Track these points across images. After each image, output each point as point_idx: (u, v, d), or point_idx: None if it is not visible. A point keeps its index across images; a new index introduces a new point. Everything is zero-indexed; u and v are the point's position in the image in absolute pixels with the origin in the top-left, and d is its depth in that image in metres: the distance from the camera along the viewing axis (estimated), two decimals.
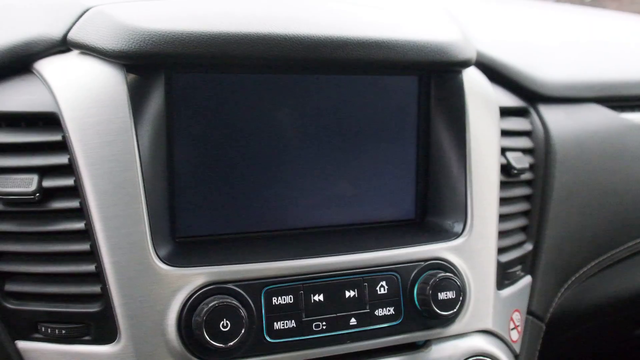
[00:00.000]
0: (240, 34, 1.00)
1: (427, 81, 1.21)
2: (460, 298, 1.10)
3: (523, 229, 1.38)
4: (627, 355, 2.18)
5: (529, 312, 1.34)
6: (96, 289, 0.98)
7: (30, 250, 0.99)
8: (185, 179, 1.07)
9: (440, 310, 1.09)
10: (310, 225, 1.16)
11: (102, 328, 0.98)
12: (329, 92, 1.14)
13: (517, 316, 1.28)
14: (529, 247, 1.37)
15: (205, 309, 0.95)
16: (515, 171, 1.31)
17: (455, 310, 1.10)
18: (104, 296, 0.98)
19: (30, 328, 0.99)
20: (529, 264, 1.36)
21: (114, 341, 0.98)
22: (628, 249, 1.55)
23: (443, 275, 1.10)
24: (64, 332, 0.98)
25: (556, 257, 1.40)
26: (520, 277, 1.34)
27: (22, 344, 0.99)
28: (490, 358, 1.16)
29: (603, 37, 1.90)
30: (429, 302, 1.08)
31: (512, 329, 1.27)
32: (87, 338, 0.99)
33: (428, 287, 1.08)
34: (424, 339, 1.14)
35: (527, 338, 1.32)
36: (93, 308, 0.98)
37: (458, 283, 1.10)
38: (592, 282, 1.56)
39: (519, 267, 1.33)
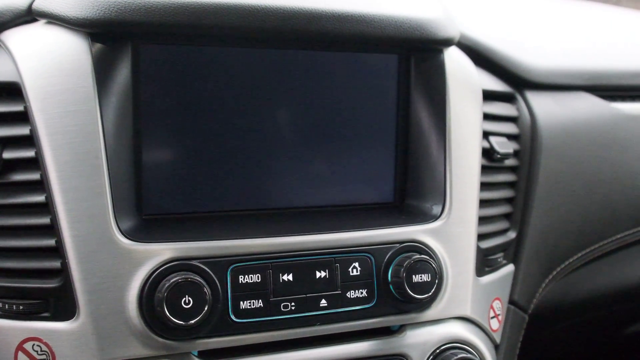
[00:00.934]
0: (210, 2, 0.98)
1: (407, 60, 1.18)
2: (436, 281, 1.07)
3: (506, 216, 1.35)
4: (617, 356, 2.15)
5: (511, 302, 1.30)
6: (56, 264, 0.95)
7: None
8: (152, 154, 1.04)
9: (415, 294, 1.05)
10: (284, 206, 1.13)
11: (61, 304, 0.95)
12: (306, 68, 1.11)
13: (497, 305, 1.25)
14: (512, 235, 1.33)
15: (166, 285, 0.92)
16: (499, 156, 1.27)
17: (430, 294, 1.06)
18: (63, 271, 0.95)
19: None
20: (512, 252, 1.33)
21: (72, 318, 0.94)
22: (616, 241, 1.51)
23: (418, 257, 1.06)
24: (21, 308, 0.95)
25: (541, 246, 1.36)
26: (502, 265, 1.30)
27: None
28: (467, 346, 1.13)
29: (597, 28, 1.87)
30: (402, 285, 1.05)
31: (492, 318, 1.23)
32: (45, 314, 0.96)
33: (402, 270, 1.05)
34: (398, 324, 1.11)
35: (508, 328, 1.28)
36: (52, 284, 0.95)
37: (434, 266, 1.07)
38: (578, 275, 1.52)
39: (500, 255, 1.29)
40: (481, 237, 1.23)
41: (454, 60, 1.19)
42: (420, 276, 1.06)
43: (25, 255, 0.96)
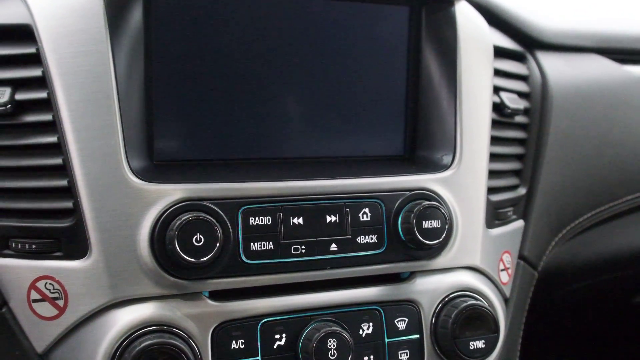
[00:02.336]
0: None
1: (418, 12, 1.18)
2: (446, 228, 1.07)
3: (517, 173, 1.35)
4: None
5: (521, 257, 1.30)
6: (68, 204, 0.96)
7: (1, 165, 0.97)
8: (163, 99, 1.04)
9: (425, 240, 1.05)
10: (295, 155, 1.13)
11: (73, 243, 0.96)
12: (317, 18, 1.11)
13: (507, 258, 1.24)
14: (522, 191, 1.33)
15: (178, 223, 0.93)
16: (509, 110, 1.27)
17: (440, 240, 1.06)
18: (75, 211, 0.95)
19: (1, 244, 0.97)
20: (521, 208, 1.33)
21: (84, 256, 0.95)
22: (627, 202, 1.51)
23: (428, 204, 1.06)
24: (34, 247, 0.96)
25: (550, 203, 1.36)
26: (512, 220, 1.30)
27: None
28: (477, 294, 1.12)
29: None
30: (413, 230, 1.05)
31: (502, 271, 1.23)
32: (58, 254, 0.96)
33: (412, 216, 1.05)
34: (408, 271, 1.11)
35: (518, 283, 1.28)
36: (64, 223, 0.96)
37: (444, 213, 1.07)
38: (589, 236, 1.52)
39: (510, 209, 1.29)
40: (491, 190, 1.23)
41: (465, 14, 1.19)
42: (431, 222, 1.06)
43: (37, 196, 0.97)
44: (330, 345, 0.99)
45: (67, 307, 0.95)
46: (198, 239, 0.93)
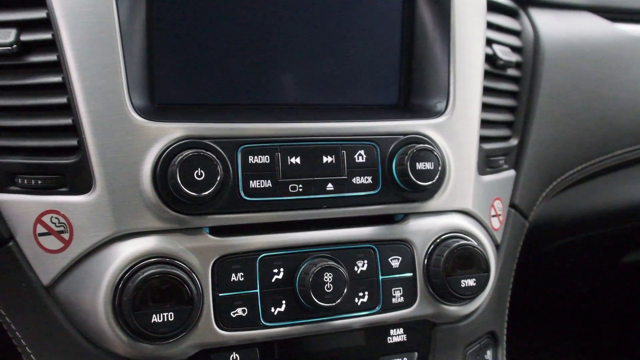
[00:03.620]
0: None
1: None
2: (439, 169, 1.10)
3: (509, 125, 1.38)
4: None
5: (512, 205, 1.33)
6: (73, 142, 0.99)
7: (7, 104, 1.00)
8: (165, 41, 1.06)
9: (419, 181, 1.09)
10: (292, 102, 1.15)
11: (78, 179, 0.99)
12: None
13: (498, 204, 1.28)
14: (514, 142, 1.37)
15: (179, 158, 0.96)
16: (501, 62, 1.30)
17: (433, 181, 1.10)
18: (80, 149, 0.98)
19: (7, 180, 1.00)
20: (513, 158, 1.36)
21: (89, 191, 0.98)
22: (616, 157, 1.54)
23: (422, 146, 1.10)
24: (40, 182, 0.99)
25: (541, 155, 1.40)
26: (504, 169, 1.33)
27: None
28: (468, 236, 1.16)
29: None
30: (407, 172, 1.08)
31: (493, 217, 1.27)
32: (63, 189, 0.99)
33: (406, 157, 1.08)
34: (402, 212, 1.14)
35: (509, 230, 1.32)
36: (69, 160, 0.99)
37: (437, 155, 1.10)
38: (579, 190, 1.56)
39: (502, 158, 1.32)
40: (483, 139, 1.26)
41: None
42: (424, 164, 1.09)
43: (43, 134, 1.00)
44: (326, 279, 1.03)
45: (72, 240, 0.98)
46: (199, 174, 0.96)
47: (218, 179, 0.97)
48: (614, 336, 2.14)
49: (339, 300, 1.03)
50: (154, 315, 0.94)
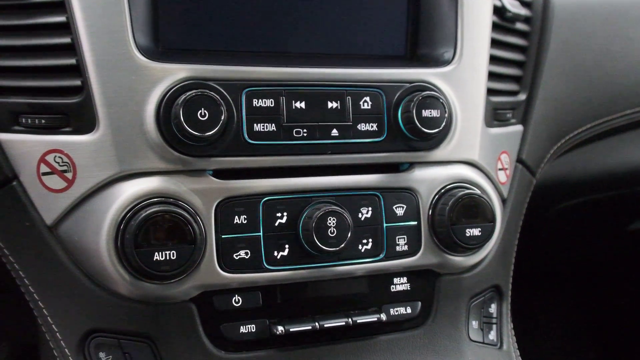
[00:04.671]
0: None
1: None
2: (446, 117, 1.09)
3: (517, 80, 1.36)
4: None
5: (519, 160, 1.32)
6: (76, 82, 0.98)
7: (12, 44, 0.99)
8: None
9: (425, 128, 1.08)
10: (297, 50, 1.14)
11: (81, 119, 0.98)
12: None
13: (505, 158, 1.27)
14: (522, 97, 1.35)
15: (183, 98, 0.95)
16: (510, 14, 1.29)
17: (440, 129, 1.09)
18: (84, 88, 0.98)
19: (11, 120, 0.99)
20: (521, 113, 1.35)
21: (92, 131, 0.97)
22: (626, 117, 1.52)
23: (428, 93, 1.08)
24: (44, 122, 0.98)
25: (550, 111, 1.38)
26: (511, 123, 1.32)
27: (2, 136, 0.99)
28: (475, 186, 1.15)
29: None
30: (412, 119, 1.07)
31: (500, 170, 1.25)
32: (67, 129, 0.99)
33: (412, 104, 1.07)
34: (407, 161, 1.13)
35: (515, 185, 1.30)
36: (73, 99, 0.98)
37: (443, 103, 1.09)
38: (588, 150, 1.55)
39: (510, 112, 1.31)
40: (491, 92, 1.24)
41: None
42: (430, 112, 1.08)
43: (47, 75, 0.99)
44: (330, 223, 1.02)
45: (75, 179, 0.98)
46: (202, 114, 0.95)
47: (222, 119, 0.96)
48: (617, 303, 2.13)
49: (342, 245, 1.03)
50: (156, 254, 0.94)
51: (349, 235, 1.03)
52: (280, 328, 1.05)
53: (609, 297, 2.13)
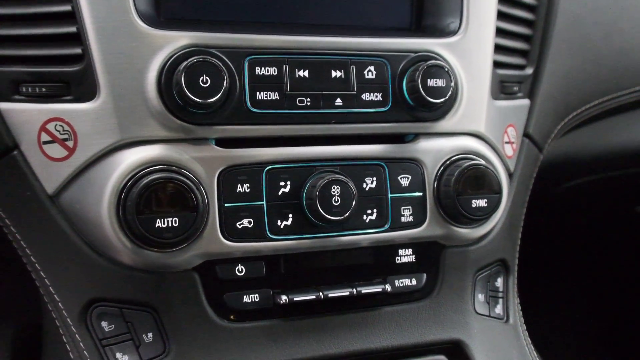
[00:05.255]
0: None
1: None
2: (451, 87, 1.07)
3: (524, 54, 1.34)
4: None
5: (526, 134, 1.30)
6: (77, 50, 0.97)
7: (12, 13, 0.98)
8: None
9: (430, 97, 1.06)
10: (301, 21, 1.13)
11: (82, 87, 0.97)
12: None
13: (512, 132, 1.25)
14: (529, 71, 1.33)
15: (185, 64, 0.94)
16: None
17: (445, 98, 1.07)
18: (84, 57, 0.97)
19: (12, 89, 0.98)
20: (528, 87, 1.33)
21: (93, 98, 0.97)
22: (635, 93, 1.50)
23: (434, 62, 1.07)
24: (44, 90, 0.97)
25: (557, 86, 1.36)
26: (518, 97, 1.30)
27: (3, 105, 0.98)
28: (481, 158, 1.13)
29: None
30: (417, 88, 1.06)
31: (507, 143, 1.24)
32: (68, 97, 0.98)
33: (418, 73, 1.06)
34: (412, 132, 1.12)
35: (522, 159, 1.29)
36: (74, 67, 0.97)
37: (449, 72, 1.08)
38: (596, 127, 1.53)
39: (517, 85, 1.29)
40: (498, 65, 1.23)
41: None
42: (435, 81, 1.07)
43: (48, 43, 0.98)
44: (334, 192, 1.01)
45: (76, 147, 0.97)
46: (204, 81, 0.94)
47: (224, 85, 0.95)
48: (623, 283, 2.12)
49: (346, 214, 1.02)
50: (158, 220, 0.93)
51: (354, 204, 1.02)
52: (284, 297, 1.04)
53: (615, 277, 2.11)
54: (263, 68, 1.01)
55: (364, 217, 1.07)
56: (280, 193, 1.03)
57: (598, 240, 2.01)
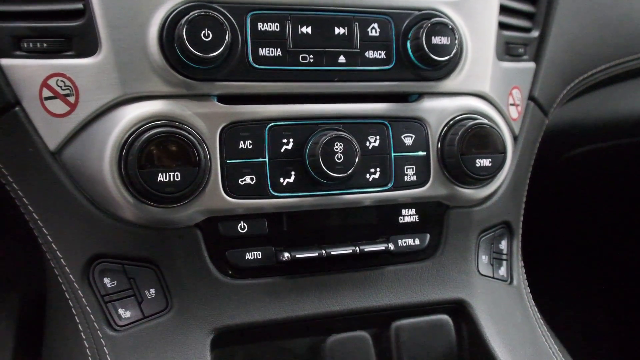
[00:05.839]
0: None
1: None
2: (456, 44, 1.06)
3: (530, 16, 1.33)
4: None
5: (531, 98, 1.29)
6: (78, 5, 0.97)
7: None
8: None
9: (434, 55, 1.05)
10: None
11: (83, 42, 0.97)
12: None
13: (517, 94, 1.24)
14: (534, 33, 1.32)
15: (187, 18, 0.93)
16: None
17: (450, 56, 1.06)
18: (86, 11, 0.96)
19: (13, 45, 0.97)
20: (533, 50, 1.31)
21: (95, 53, 0.96)
22: None
23: (438, 19, 1.06)
24: (45, 45, 0.97)
25: (563, 50, 1.35)
26: (524, 59, 1.29)
27: (4, 61, 0.97)
28: (486, 118, 1.12)
29: None
30: (422, 45, 1.05)
31: (512, 105, 1.23)
32: (69, 52, 0.97)
33: (422, 31, 1.05)
34: (416, 91, 1.11)
35: (527, 123, 1.28)
36: (75, 22, 0.97)
37: (453, 30, 1.06)
38: (602, 94, 1.51)
39: (522, 47, 1.28)
40: (503, 26, 1.22)
41: None
42: (440, 39, 1.06)
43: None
44: (337, 149, 1.00)
45: (78, 103, 0.96)
46: (206, 35, 0.93)
47: (226, 40, 0.94)
48: (627, 252, 2.11)
49: (350, 171, 1.01)
50: (160, 175, 0.92)
51: (356, 161, 1.01)
52: (286, 254, 1.03)
53: (620, 246, 2.10)
54: (265, 24, 1.00)
55: (367, 175, 1.07)
56: (282, 150, 1.02)
57: (604, 208, 2.00)
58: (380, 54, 1.06)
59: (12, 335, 1.62)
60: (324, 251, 1.05)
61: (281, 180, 1.02)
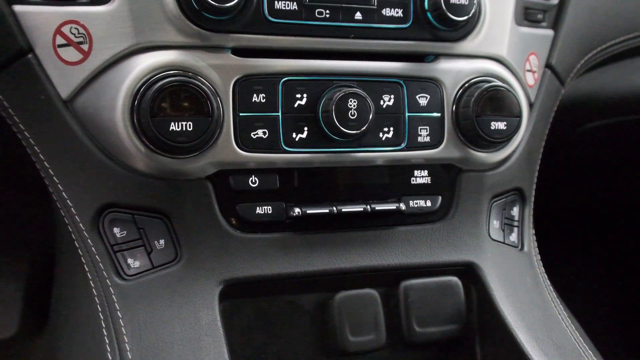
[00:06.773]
0: None
1: None
2: (475, 4, 1.05)
3: None
4: None
5: (548, 66, 1.27)
6: None
7: None
8: None
9: (452, 14, 1.04)
10: None
11: None
12: None
13: (534, 60, 1.22)
14: (554, 1, 1.30)
15: None
16: None
17: (468, 16, 1.05)
18: None
19: None
20: (552, 18, 1.30)
21: (109, 1, 0.95)
22: None
23: None
24: None
25: (582, 19, 1.33)
26: (542, 26, 1.27)
27: (18, 7, 0.96)
28: (502, 82, 1.11)
29: None
30: (440, 4, 1.03)
31: (528, 71, 1.21)
32: (83, 0, 0.96)
33: None
34: (433, 52, 1.10)
35: (543, 90, 1.26)
36: None
37: None
38: (620, 67, 1.49)
39: (541, 13, 1.26)
40: None
41: None
42: None
43: None
44: (350, 105, 1.00)
45: (91, 51, 0.95)
46: None
47: None
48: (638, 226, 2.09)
49: (363, 128, 1.00)
50: (172, 124, 0.92)
51: (370, 118, 1.00)
52: (297, 210, 1.03)
53: (634, 221, 2.09)
54: None
55: (380, 134, 1.06)
56: (296, 105, 1.01)
57: (619, 182, 1.98)
58: (397, 12, 1.05)
59: (20, 297, 1.63)
60: (334, 208, 1.04)
61: (294, 135, 1.01)
